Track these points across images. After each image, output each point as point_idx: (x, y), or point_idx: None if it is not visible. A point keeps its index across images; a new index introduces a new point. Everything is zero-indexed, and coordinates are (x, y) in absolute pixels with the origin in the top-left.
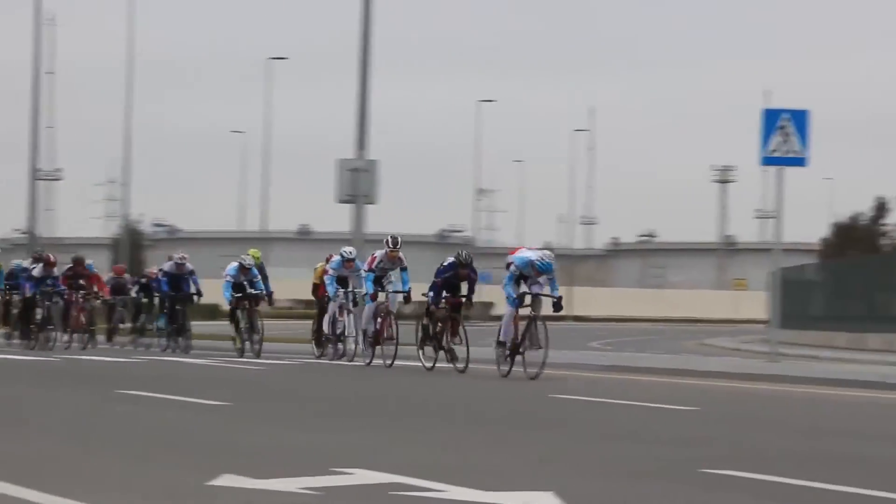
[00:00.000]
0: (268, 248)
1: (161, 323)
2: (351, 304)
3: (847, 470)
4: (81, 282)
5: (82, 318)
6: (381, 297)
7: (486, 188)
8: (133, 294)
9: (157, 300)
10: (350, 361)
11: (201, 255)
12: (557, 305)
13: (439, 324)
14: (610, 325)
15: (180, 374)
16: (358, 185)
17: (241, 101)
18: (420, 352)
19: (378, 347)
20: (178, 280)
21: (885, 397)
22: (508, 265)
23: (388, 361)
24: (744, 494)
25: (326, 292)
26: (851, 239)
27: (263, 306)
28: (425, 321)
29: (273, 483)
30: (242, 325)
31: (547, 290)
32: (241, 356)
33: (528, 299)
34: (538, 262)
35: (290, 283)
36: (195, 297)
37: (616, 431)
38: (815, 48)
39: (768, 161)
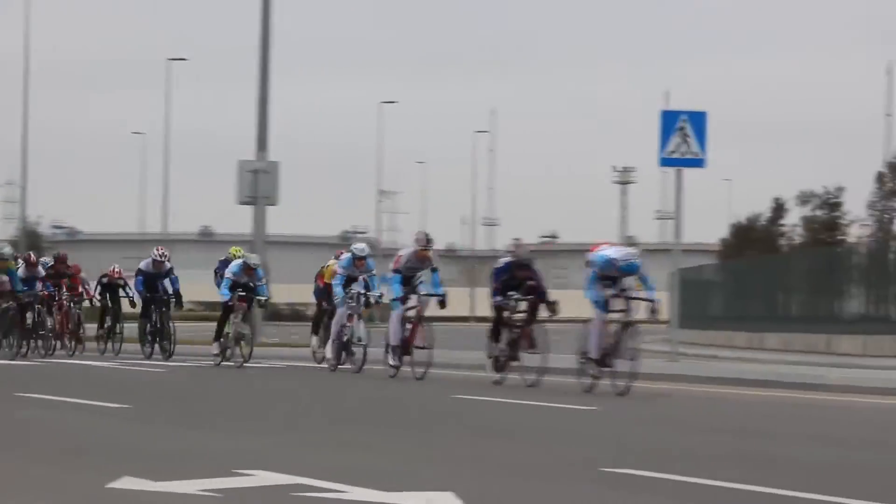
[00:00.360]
0: (169, 250)
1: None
2: (361, 308)
3: (746, 467)
4: (64, 281)
5: (68, 323)
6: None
7: (389, 189)
8: (97, 296)
9: (124, 301)
10: (359, 371)
11: (102, 258)
12: (653, 309)
13: (514, 330)
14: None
15: (95, 378)
16: (259, 186)
17: (142, 103)
18: (490, 362)
19: (398, 357)
20: (155, 279)
21: (781, 396)
22: (587, 263)
23: (420, 370)
24: (644, 493)
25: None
26: (750, 239)
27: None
28: (496, 328)
29: (173, 485)
30: (231, 329)
31: (641, 293)
32: (222, 362)
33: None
34: (621, 263)
35: (192, 284)
36: (173, 300)
37: (517, 431)
38: (713, 51)
39: (667, 162)
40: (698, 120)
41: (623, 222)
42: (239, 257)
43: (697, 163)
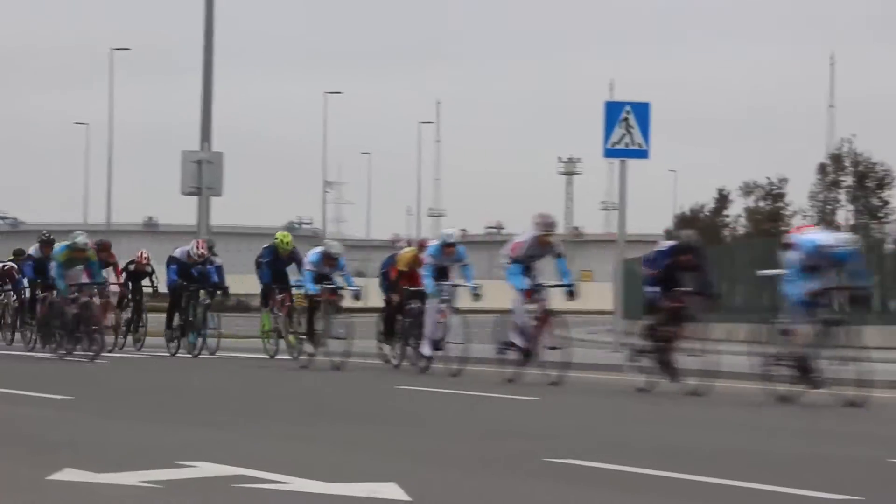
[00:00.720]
0: (113, 242)
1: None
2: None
3: (683, 457)
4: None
5: (111, 317)
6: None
7: (335, 180)
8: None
9: (150, 291)
10: (456, 375)
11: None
12: (863, 299)
13: (664, 328)
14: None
15: (39, 369)
16: (203, 177)
17: (85, 93)
18: (632, 364)
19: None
20: (190, 268)
21: (722, 385)
22: (787, 246)
23: (554, 373)
24: (584, 483)
25: (420, 285)
26: (694, 230)
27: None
28: (652, 324)
29: (115, 476)
30: (319, 326)
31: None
32: (297, 358)
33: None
34: (835, 251)
35: None
36: (217, 292)
37: (461, 422)
38: (658, 44)
39: (611, 153)
40: (642, 111)
41: (569, 213)
42: (285, 243)
43: (641, 154)
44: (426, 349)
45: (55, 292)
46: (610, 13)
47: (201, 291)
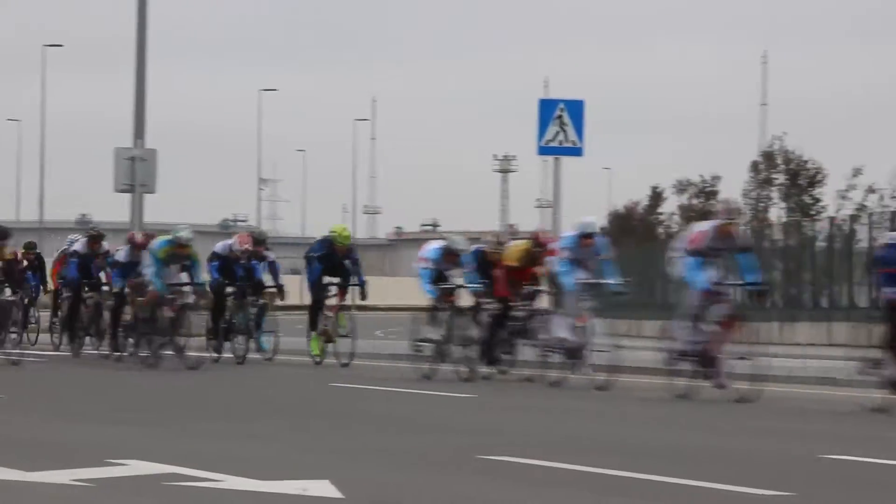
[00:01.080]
0: (46, 240)
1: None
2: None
3: (616, 453)
4: None
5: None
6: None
7: (270, 177)
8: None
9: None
10: (604, 388)
11: None
12: None
13: None
14: (394, 314)
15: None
16: (136, 174)
17: (17, 90)
18: (865, 378)
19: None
20: (234, 265)
21: (658, 383)
22: None
23: (744, 386)
24: (516, 479)
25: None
26: (628, 228)
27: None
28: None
29: (45, 475)
30: (442, 333)
31: None
32: (433, 370)
33: None
34: None
35: None
36: (252, 290)
37: (397, 419)
38: (592, 40)
39: (545, 151)
40: (576, 108)
41: (504, 211)
42: (343, 237)
43: (575, 151)
44: (556, 357)
45: (104, 292)
46: (546, 11)
47: (248, 291)
